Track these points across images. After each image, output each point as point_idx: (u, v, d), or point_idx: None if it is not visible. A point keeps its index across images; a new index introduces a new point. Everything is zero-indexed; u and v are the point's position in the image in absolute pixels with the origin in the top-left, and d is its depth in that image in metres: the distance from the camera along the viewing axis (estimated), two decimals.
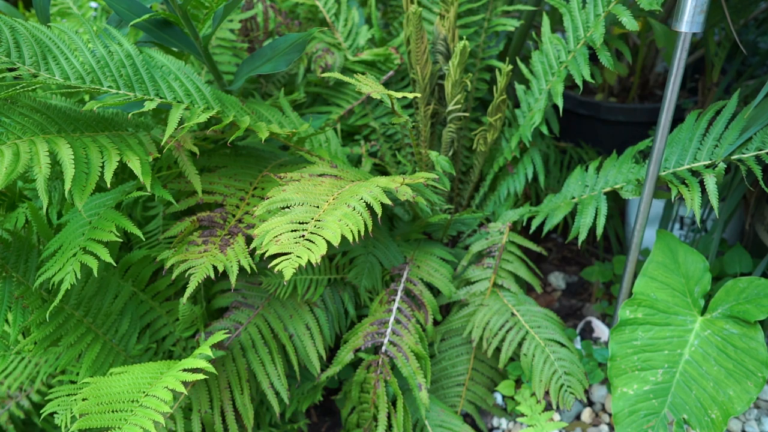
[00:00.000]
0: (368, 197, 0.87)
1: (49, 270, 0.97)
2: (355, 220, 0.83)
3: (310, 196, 0.90)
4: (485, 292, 1.25)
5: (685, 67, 1.00)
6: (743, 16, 1.58)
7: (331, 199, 0.90)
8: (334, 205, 0.87)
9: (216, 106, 1.06)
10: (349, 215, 0.84)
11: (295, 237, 0.82)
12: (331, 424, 1.35)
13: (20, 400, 1.27)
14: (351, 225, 0.82)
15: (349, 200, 0.87)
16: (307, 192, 0.92)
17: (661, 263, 1.12)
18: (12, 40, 0.93)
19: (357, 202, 0.86)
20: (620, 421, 1.02)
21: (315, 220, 0.85)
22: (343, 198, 0.88)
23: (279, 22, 1.48)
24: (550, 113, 1.31)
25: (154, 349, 1.17)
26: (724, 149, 1.09)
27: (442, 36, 1.22)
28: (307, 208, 0.87)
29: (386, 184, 0.90)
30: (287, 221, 0.85)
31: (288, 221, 0.85)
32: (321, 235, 0.81)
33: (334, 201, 0.89)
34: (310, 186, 0.94)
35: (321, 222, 0.84)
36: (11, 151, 0.84)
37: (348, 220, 0.83)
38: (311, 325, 1.18)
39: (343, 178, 1.01)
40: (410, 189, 0.92)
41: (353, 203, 0.86)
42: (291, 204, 0.89)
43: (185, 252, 1.02)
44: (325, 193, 0.92)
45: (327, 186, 0.95)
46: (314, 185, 0.95)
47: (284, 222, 0.85)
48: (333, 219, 0.83)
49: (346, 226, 0.82)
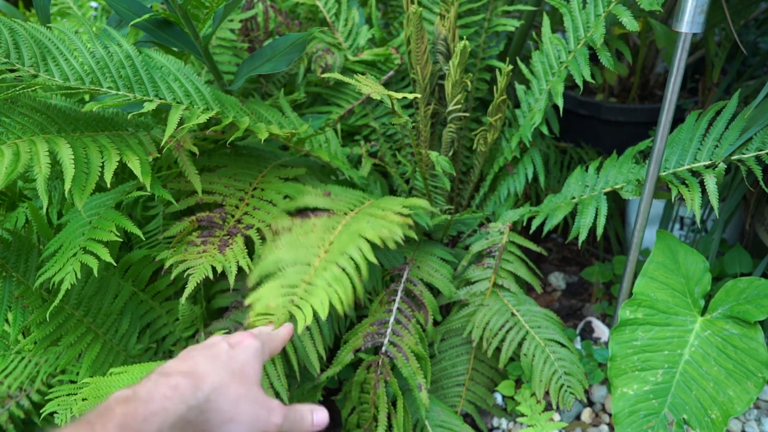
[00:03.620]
0: (357, 256, 0.87)
1: (49, 270, 0.97)
2: (344, 287, 0.83)
3: (301, 252, 0.91)
4: (485, 292, 1.25)
5: (685, 68, 1.00)
6: (743, 17, 1.58)
7: (323, 252, 0.90)
8: (325, 263, 0.88)
9: (215, 106, 1.06)
10: (338, 279, 0.84)
11: (284, 303, 0.83)
12: (331, 424, 1.35)
13: (20, 400, 1.27)
14: (340, 292, 0.83)
15: (339, 259, 0.87)
16: (298, 246, 0.92)
17: (661, 263, 1.12)
18: (11, 41, 0.93)
19: (347, 261, 0.86)
20: (620, 421, 1.02)
21: (305, 282, 0.85)
22: (333, 255, 0.89)
23: (279, 22, 1.48)
24: (550, 113, 1.31)
25: (154, 348, 1.17)
26: (724, 149, 1.09)
27: (442, 36, 1.22)
28: (299, 269, 0.88)
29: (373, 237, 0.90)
30: (278, 286, 0.85)
31: (279, 286, 0.85)
32: (309, 303, 0.82)
33: (326, 254, 0.89)
34: (301, 236, 0.95)
35: (311, 286, 0.84)
36: (11, 151, 0.84)
37: (337, 285, 0.83)
38: (311, 326, 1.18)
39: (336, 212, 1.03)
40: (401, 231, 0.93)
41: (343, 263, 0.86)
42: (282, 265, 0.88)
43: (184, 252, 1.02)
44: (316, 243, 0.93)
45: (318, 232, 0.95)
46: (305, 234, 0.95)
47: (276, 287, 0.85)
48: (322, 284, 0.84)
49: (335, 293, 0.83)
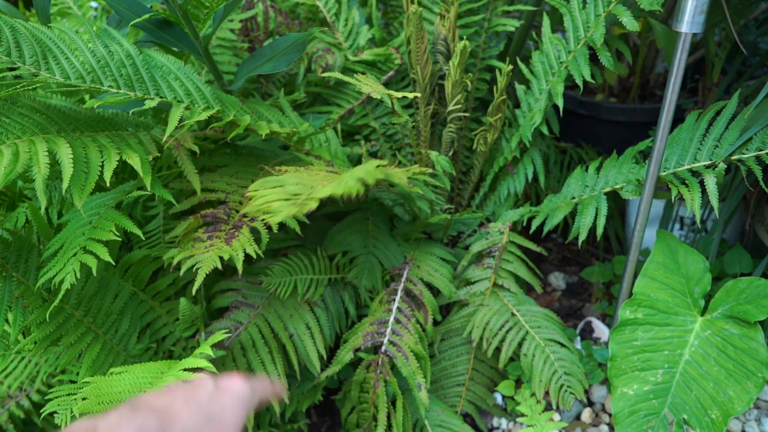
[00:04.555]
0: (362, 173, 0.86)
1: (50, 270, 0.97)
2: (348, 187, 0.82)
3: (305, 179, 0.90)
4: (485, 292, 1.25)
5: (685, 68, 1.00)
6: (743, 17, 1.58)
7: (327, 182, 0.89)
8: (329, 182, 0.87)
9: (216, 105, 1.06)
10: (344, 183, 0.83)
11: (286, 206, 0.81)
12: (331, 423, 1.34)
13: (20, 400, 1.27)
14: (344, 188, 0.81)
15: (344, 178, 0.86)
16: (302, 177, 0.91)
17: (662, 263, 1.12)
18: (12, 40, 0.93)
19: (351, 177, 0.85)
20: (620, 421, 1.02)
21: (308, 193, 0.84)
22: (338, 178, 0.88)
23: (279, 22, 1.48)
24: (550, 113, 1.31)
25: (154, 348, 1.17)
26: (724, 149, 1.09)
27: (442, 36, 1.22)
28: (302, 186, 0.87)
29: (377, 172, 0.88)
30: (281, 192, 0.83)
31: (282, 192, 0.83)
32: (314, 197, 0.81)
33: (328, 182, 0.88)
34: (305, 174, 0.94)
35: (314, 192, 0.83)
36: (10, 151, 0.84)
37: (342, 186, 0.82)
38: (311, 325, 1.18)
39: (340, 174, 1.01)
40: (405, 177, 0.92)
41: (347, 178, 0.85)
42: (285, 183, 0.87)
43: (191, 248, 1.02)
44: (321, 178, 0.92)
45: (322, 175, 0.95)
46: (310, 175, 0.94)
47: (278, 192, 0.83)
48: (327, 189, 0.83)
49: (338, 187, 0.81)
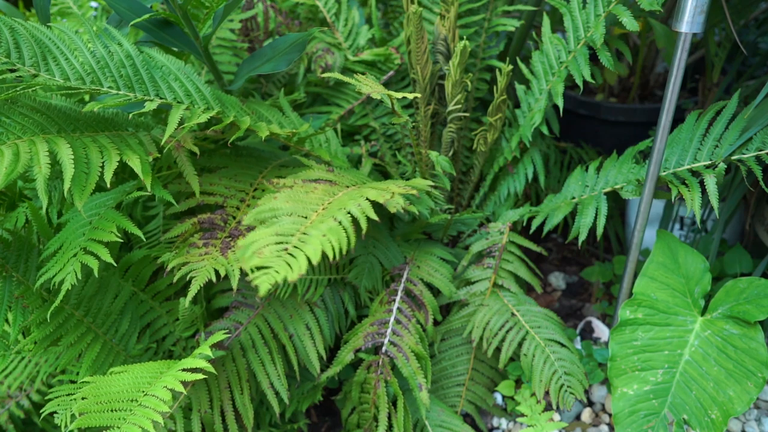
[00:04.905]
0: (355, 211, 0.86)
1: (50, 270, 0.97)
2: (338, 237, 0.82)
3: (300, 206, 0.89)
4: (485, 292, 1.25)
5: (685, 68, 1.00)
6: (743, 17, 1.58)
7: (321, 209, 0.88)
8: (322, 216, 0.86)
9: (216, 106, 1.06)
10: (334, 230, 0.82)
11: (278, 250, 0.80)
12: (331, 424, 1.35)
13: (20, 400, 1.27)
14: (334, 242, 0.81)
15: (336, 213, 0.85)
16: (298, 201, 0.90)
17: (662, 263, 1.12)
18: (12, 41, 0.93)
19: (343, 216, 0.84)
20: (620, 421, 1.02)
21: (301, 232, 0.83)
22: (332, 210, 0.87)
23: (279, 22, 1.48)
24: (550, 113, 1.31)
25: (154, 348, 1.17)
26: (724, 149, 1.09)
27: (442, 36, 1.22)
28: (295, 219, 0.86)
29: (375, 197, 0.89)
30: (272, 233, 0.83)
31: (273, 233, 0.82)
32: (303, 251, 0.79)
33: (324, 211, 0.88)
34: (302, 194, 0.93)
35: (306, 236, 0.82)
36: (11, 151, 0.84)
37: (332, 236, 0.82)
38: (311, 325, 1.18)
39: (338, 183, 1.00)
40: (402, 200, 0.91)
41: (340, 217, 0.84)
42: (279, 214, 0.87)
43: (186, 254, 1.02)
44: (316, 201, 0.91)
45: (319, 193, 0.94)
46: (306, 192, 0.93)
47: (269, 234, 0.82)
48: (318, 234, 0.82)
49: (329, 242, 0.81)
